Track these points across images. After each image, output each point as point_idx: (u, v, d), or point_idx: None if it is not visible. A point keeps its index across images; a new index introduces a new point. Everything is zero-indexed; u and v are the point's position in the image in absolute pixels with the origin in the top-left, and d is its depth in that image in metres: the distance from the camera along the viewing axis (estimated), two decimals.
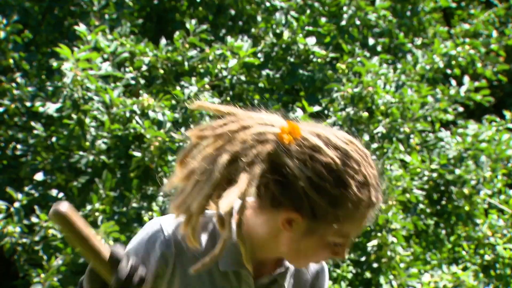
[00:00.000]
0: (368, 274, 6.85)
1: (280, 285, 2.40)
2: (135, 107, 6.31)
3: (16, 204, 6.24)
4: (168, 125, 6.32)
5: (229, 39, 7.00)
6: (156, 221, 2.33)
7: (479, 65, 7.76)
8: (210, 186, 2.18)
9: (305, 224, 2.19)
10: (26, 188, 6.52)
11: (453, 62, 7.61)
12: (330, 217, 2.16)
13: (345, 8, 7.93)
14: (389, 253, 6.75)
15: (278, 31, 7.56)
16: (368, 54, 7.68)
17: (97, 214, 6.13)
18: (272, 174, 2.17)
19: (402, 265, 6.77)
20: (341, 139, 2.18)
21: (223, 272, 2.32)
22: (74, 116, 6.29)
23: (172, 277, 2.33)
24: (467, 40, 7.97)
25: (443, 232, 7.50)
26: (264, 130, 2.19)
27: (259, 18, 7.76)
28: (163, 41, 6.86)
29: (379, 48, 8.09)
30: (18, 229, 6.10)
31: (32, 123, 6.52)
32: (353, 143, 2.20)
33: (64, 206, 2.10)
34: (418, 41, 8.53)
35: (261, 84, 7.45)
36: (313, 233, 2.20)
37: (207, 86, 6.58)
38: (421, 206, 7.32)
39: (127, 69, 6.75)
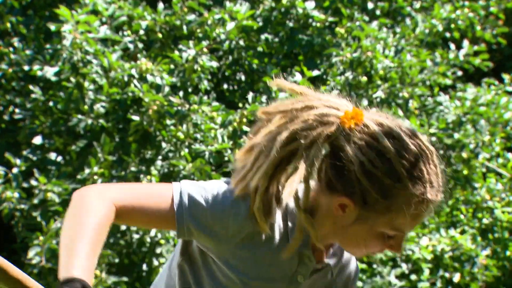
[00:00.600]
0: None
1: (326, 272, 2.42)
2: (133, 71, 6.32)
3: (15, 170, 6.28)
4: (166, 89, 6.34)
5: (227, 3, 6.98)
6: (236, 199, 2.28)
7: (478, 28, 7.86)
8: (269, 164, 2.21)
9: (357, 211, 2.19)
10: (24, 152, 6.53)
11: (452, 26, 7.65)
12: (380, 207, 2.16)
13: None
14: None
15: None
16: (367, 18, 7.70)
17: (95, 177, 6.15)
18: (330, 157, 2.19)
19: None
20: (404, 131, 2.18)
21: (298, 254, 2.34)
22: (72, 79, 6.31)
23: (238, 248, 2.32)
24: (467, 3, 8.04)
25: None
26: (328, 112, 2.20)
27: None
28: (161, 5, 6.83)
29: (378, 12, 8.09)
30: (16, 195, 6.16)
31: (30, 87, 6.54)
32: (418, 138, 2.17)
33: None
34: (417, 4, 8.53)
35: (260, 49, 7.46)
36: (364, 221, 2.20)
37: (205, 50, 6.56)
38: None
39: (125, 33, 6.72)
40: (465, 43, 7.58)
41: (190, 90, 6.65)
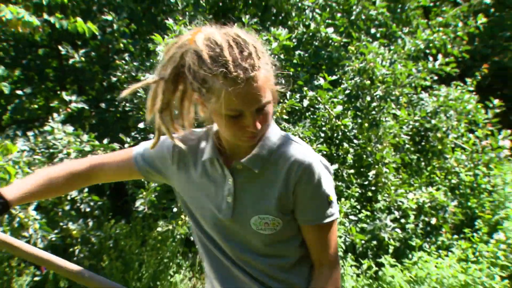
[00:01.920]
0: (369, 193, 6.94)
1: (248, 170, 2.28)
2: None
3: (126, 146, 6.37)
4: None
5: (272, 29, 7.02)
6: (167, 137, 2.32)
7: (449, 46, 7.76)
8: (154, 87, 2.25)
9: (204, 104, 2.17)
10: (132, 133, 6.71)
11: (431, 45, 7.63)
12: (209, 94, 2.11)
13: (354, 7, 7.99)
14: (383, 179, 6.85)
15: (307, 23, 7.66)
16: (370, 40, 7.72)
17: None
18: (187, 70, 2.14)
19: (393, 187, 6.86)
20: (224, 33, 2.13)
21: (210, 161, 2.31)
22: None
23: (178, 171, 2.34)
24: (441, 29, 8.00)
25: (423, 164, 7.54)
26: (184, 39, 2.21)
27: (293, 14, 7.81)
28: None
29: (378, 35, 8.10)
30: None
31: None
32: (232, 35, 2.12)
33: None
34: (406, 30, 8.45)
35: (294, 61, 7.44)
36: (212, 110, 2.14)
37: None
38: (407, 146, 7.38)
39: None
40: (439, 56, 7.52)
41: None
